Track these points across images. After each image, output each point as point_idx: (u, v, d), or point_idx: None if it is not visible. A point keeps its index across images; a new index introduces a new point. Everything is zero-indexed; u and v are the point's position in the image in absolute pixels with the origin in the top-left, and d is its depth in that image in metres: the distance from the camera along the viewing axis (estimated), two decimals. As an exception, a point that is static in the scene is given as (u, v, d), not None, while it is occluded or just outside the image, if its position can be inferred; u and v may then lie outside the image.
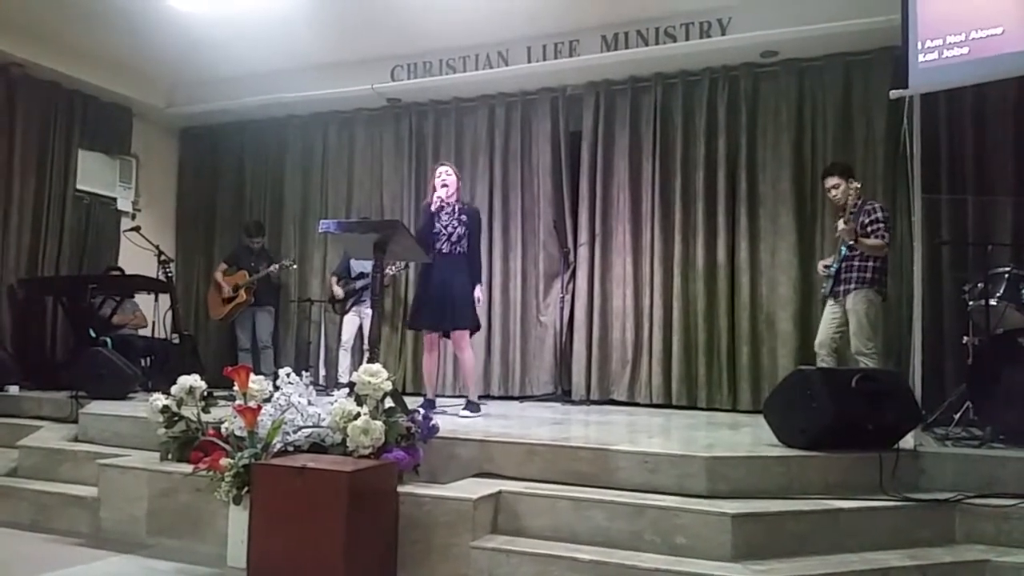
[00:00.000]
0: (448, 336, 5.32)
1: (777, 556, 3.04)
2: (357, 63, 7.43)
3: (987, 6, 4.28)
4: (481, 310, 5.85)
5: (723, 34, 6.35)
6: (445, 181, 5.33)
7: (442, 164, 5.56)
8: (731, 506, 3.12)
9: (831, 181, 5.29)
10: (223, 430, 3.65)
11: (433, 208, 5.30)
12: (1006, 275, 4.64)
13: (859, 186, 5.21)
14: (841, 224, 5.16)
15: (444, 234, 5.26)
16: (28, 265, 7.15)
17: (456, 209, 5.32)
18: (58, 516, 4.06)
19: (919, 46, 4.45)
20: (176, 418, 3.94)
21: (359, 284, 7.32)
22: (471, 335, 5.38)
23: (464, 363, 5.32)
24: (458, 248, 5.26)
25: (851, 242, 5.11)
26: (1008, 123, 5.76)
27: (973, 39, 4.28)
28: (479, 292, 5.36)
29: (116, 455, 4.17)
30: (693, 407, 6.49)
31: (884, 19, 5.35)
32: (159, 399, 3.96)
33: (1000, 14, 4.23)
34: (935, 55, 4.39)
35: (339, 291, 7.43)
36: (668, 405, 6.55)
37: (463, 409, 5.19)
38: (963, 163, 5.87)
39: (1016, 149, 5.73)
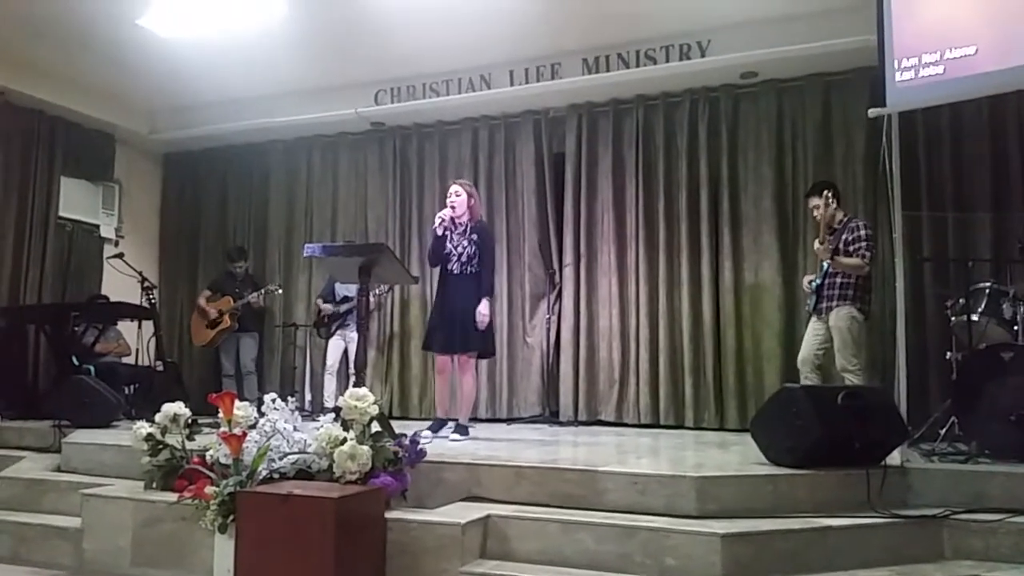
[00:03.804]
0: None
1: (767, 575, 3.03)
2: (340, 87, 7.46)
3: (960, 27, 4.36)
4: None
5: (703, 56, 6.42)
6: (453, 202, 5.21)
7: (455, 182, 5.42)
8: (720, 526, 3.11)
9: (814, 201, 5.34)
10: (208, 458, 3.61)
11: (439, 232, 5.21)
12: (987, 290, 4.69)
13: (836, 203, 5.28)
14: (817, 244, 5.22)
15: (455, 254, 5.17)
16: (10, 293, 7.08)
17: (468, 228, 5.22)
18: (40, 548, 3.99)
19: (896, 65, 4.52)
20: (160, 446, 3.89)
21: (344, 308, 7.30)
22: (482, 358, 5.35)
23: (462, 386, 5.21)
24: (469, 268, 5.15)
25: (827, 261, 5.16)
26: (984, 140, 5.86)
27: (948, 59, 4.35)
28: (484, 307, 5.08)
29: (100, 484, 4.11)
30: (680, 426, 6.49)
31: (862, 39, 5.43)
32: (143, 427, 3.91)
33: (973, 34, 4.31)
34: (911, 74, 4.46)
35: (328, 306, 7.39)
36: (656, 425, 6.55)
37: (451, 432, 5.16)
38: (942, 180, 5.96)
39: (993, 165, 5.82)
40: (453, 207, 5.20)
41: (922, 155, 5.96)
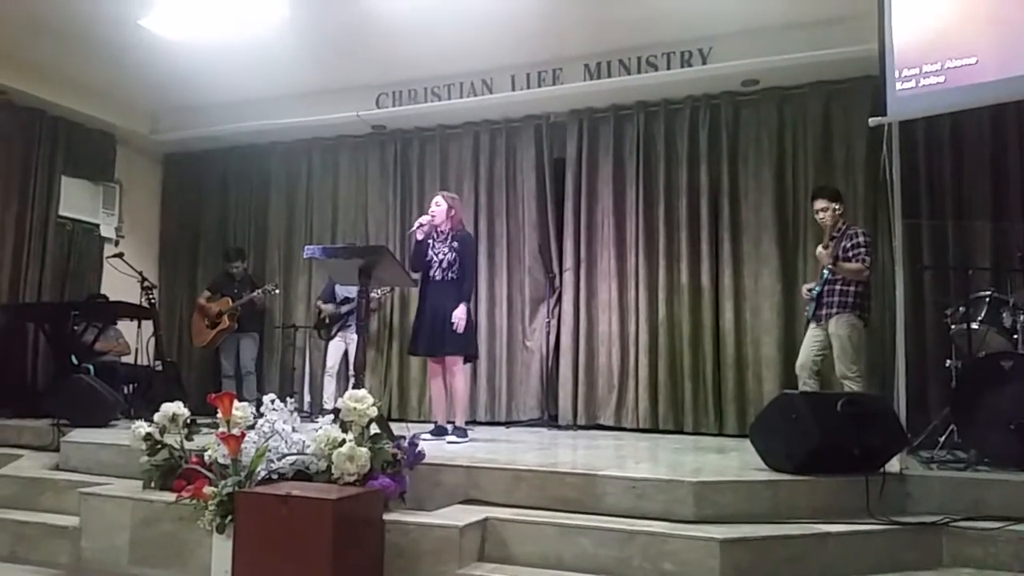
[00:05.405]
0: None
1: (765, 581, 3.03)
2: (342, 90, 7.47)
3: (961, 37, 4.38)
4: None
5: (704, 63, 6.43)
6: (433, 211, 5.39)
7: (438, 193, 5.61)
8: (719, 531, 3.11)
9: (820, 203, 5.34)
10: (206, 458, 3.61)
11: (419, 236, 5.35)
12: (987, 299, 4.69)
13: (842, 211, 5.29)
14: (819, 249, 5.23)
15: (436, 261, 5.31)
16: (10, 291, 7.08)
17: (449, 236, 5.35)
18: (38, 547, 3.98)
19: (897, 74, 4.54)
20: (159, 446, 3.89)
21: (344, 309, 7.30)
22: (466, 362, 5.42)
23: (453, 389, 5.28)
24: (450, 274, 5.29)
25: (829, 266, 5.17)
26: (984, 149, 5.87)
27: (948, 68, 4.37)
28: (459, 312, 5.15)
29: (98, 484, 4.11)
30: (679, 432, 6.48)
31: (863, 48, 5.43)
32: (142, 426, 3.92)
33: (973, 45, 4.33)
34: (912, 83, 4.48)
35: (328, 307, 7.40)
36: (655, 430, 6.54)
37: (448, 435, 5.18)
38: (942, 188, 5.96)
39: (993, 174, 5.83)
40: (433, 215, 5.37)
41: (922, 163, 5.97)
